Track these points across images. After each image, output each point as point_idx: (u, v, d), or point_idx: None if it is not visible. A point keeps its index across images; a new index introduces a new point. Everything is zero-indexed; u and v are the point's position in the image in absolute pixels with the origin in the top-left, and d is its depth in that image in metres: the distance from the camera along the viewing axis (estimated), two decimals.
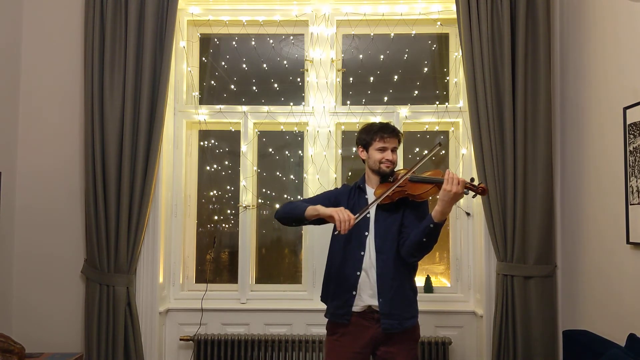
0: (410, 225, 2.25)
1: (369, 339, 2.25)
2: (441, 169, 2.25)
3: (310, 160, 3.28)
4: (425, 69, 3.44)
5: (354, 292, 2.24)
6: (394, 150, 2.33)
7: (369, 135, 2.34)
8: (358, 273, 2.25)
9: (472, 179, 2.13)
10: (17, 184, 3.15)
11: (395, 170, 2.35)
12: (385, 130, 2.31)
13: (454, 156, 3.35)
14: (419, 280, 3.31)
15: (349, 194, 2.39)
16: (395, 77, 3.41)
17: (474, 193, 2.12)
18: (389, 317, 2.21)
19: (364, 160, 2.40)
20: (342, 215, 2.07)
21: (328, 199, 2.38)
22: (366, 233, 2.28)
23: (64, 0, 3.20)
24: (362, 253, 2.26)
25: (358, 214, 2.13)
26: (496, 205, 2.88)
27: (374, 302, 2.23)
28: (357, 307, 2.25)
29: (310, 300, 3.23)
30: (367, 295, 2.24)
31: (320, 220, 2.21)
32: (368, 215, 2.29)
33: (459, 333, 3.13)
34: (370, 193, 2.34)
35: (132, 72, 3.00)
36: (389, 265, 2.23)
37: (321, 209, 2.15)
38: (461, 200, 3.27)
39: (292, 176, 3.46)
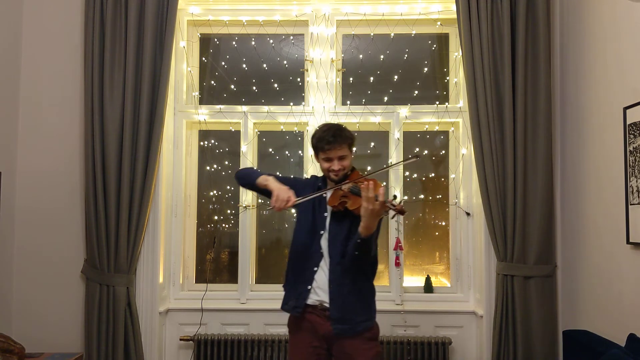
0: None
1: (323, 335, 2.25)
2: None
3: (311, 160, 3.28)
4: (425, 69, 3.44)
5: (309, 286, 2.25)
6: (341, 158, 2.25)
7: (314, 142, 2.29)
8: (315, 269, 2.26)
9: (395, 197, 2.11)
10: (17, 184, 3.15)
11: (351, 172, 2.32)
12: (323, 142, 2.23)
13: (454, 156, 3.35)
14: (419, 281, 3.33)
15: (312, 187, 2.39)
16: (395, 77, 3.41)
17: (394, 213, 2.08)
18: (341, 322, 2.20)
19: None
20: (282, 194, 2.12)
21: (292, 182, 2.35)
22: (322, 232, 2.29)
23: (64, 0, 3.20)
24: (321, 251, 2.27)
25: (299, 199, 2.16)
26: (496, 205, 2.88)
27: (326, 299, 2.23)
28: (311, 300, 2.25)
29: None
30: (321, 291, 2.24)
31: (269, 193, 2.21)
32: (326, 215, 2.31)
33: (459, 333, 3.13)
34: (328, 195, 2.33)
35: (132, 72, 3.00)
36: (338, 271, 2.22)
37: (270, 182, 2.21)
38: (461, 200, 3.27)
39: (292, 176, 3.45)
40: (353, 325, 2.21)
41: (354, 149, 2.39)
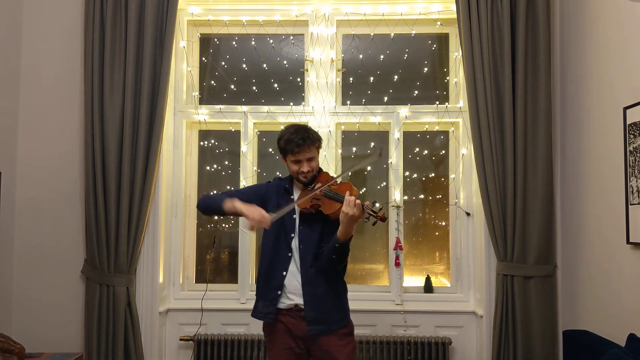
0: (328, 237, 2.21)
1: (299, 336, 2.24)
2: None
3: None
4: (425, 69, 3.44)
5: (279, 292, 2.24)
6: (310, 159, 2.24)
7: (282, 144, 2.26)
8: (284, 273, 2.24)
9: (374, 203, 2.09)
10: (17, 184, 3.15)
11: (319, 173, 2.30)
12: (292, 144, 2.20)
13: (454, 156, 3.35)
14: (419, 281, 3.33)
15: (276, 194, 2.36)
16: (395, 77, 3.41)
17: (374, 220, 2.08)
18: (316, 323, 2.20)
19: None
20: (255, 215, 2.07)
21: (256, 193, 2.34)
22: (292, 235, 2.27)
23: (64, 0, 3.20)
24: (290, 254, 2.25)
25: (275, 215, 2.13)
26: (496, 205, 2.88)
27: (300, 302, 2.22)
28: (283, 304, 2.24)
29: None
30: (293, 294, 2.23)
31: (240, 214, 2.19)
32: (295, 216, 2.29)
33: (459, 333, 3.12)
34: (296, 195, 2.32)
35: (132, 72, 3.00)
36: (311, 273, 2.21)
37: (238, 205, 2.14)
38: (461, 200, 3.27)
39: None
40: (329, 324, 2.22)
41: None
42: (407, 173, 3.34)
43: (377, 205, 2.12)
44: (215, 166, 3.49)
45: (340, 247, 2.11)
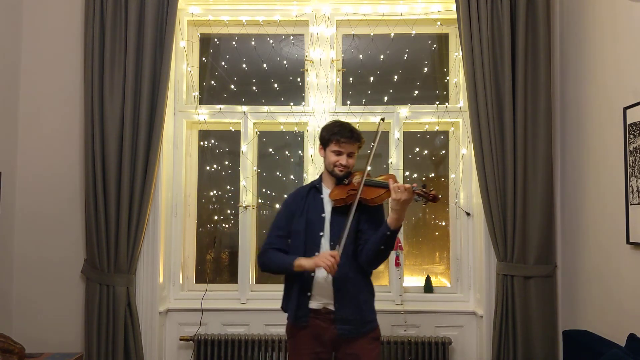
0: (368, 231, 2.23)
1: (327, 340, 2.24)
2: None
3: (310, 160, 3.28)
4: (425, 69, 3.44)
5: (309, 294, 2.23)
6: (350, 155, 2.28)
7: (327, 134, 2.30)
8: (312, 274, 2.23)
9: (424, 186, 2.11)
10: (17, 184, 3.15)
11: (351, 172, 2.32)
12: (342, 134, 2.26)
13: (454, 156, 3.35)
14: (419, 281, 3.33)
15: (303, 198, 2.36)
16: (395, 77, 3.41)
17: (425, 200, 2.10)
18: (346, 323, 2.20)
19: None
20: (325, 261, 2.08)
21: (287, 217, 2.36)
22: (321, 234, 2.27)
23: (64, 0, 3.20)
24: (317, 254, 2.23)
25: (339, 247, 2.13)
26: (496, 205, 2.88)
27: (330, 303, 2.22)
28: (314, 305, 2.24)
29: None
30: (321, 296, 2.23)
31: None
32: (323, 215, 2.29)
33: (459, 333, 3.13)
34: (326, 194, 2.33)
35: (132, 72, 3.00)
36: (344, 270, 2.19)
37: (306, 264, 2.16)
38: (461, 200, 3.27)
39: (292, 176, 3.46)
40: (358, 326, 2.21)
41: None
42: (407, 173, 3.34)
43: (427, 188, 2.14)
44: (215, 166, 3.49)
45: (392, 235, 2.11)
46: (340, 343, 2.23)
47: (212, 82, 3.49)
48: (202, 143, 3.48)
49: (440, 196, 2.13)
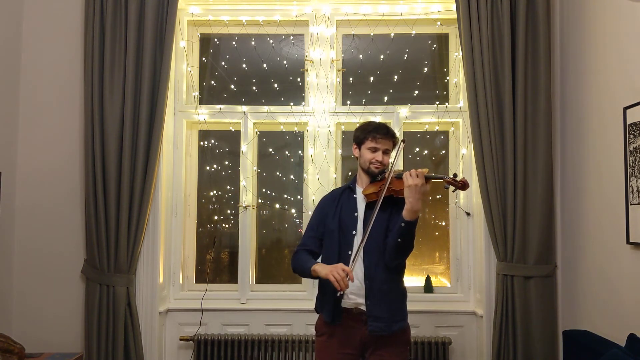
0: (396, 225, 2.22)
1: (357, 341, 2.24)
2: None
3: (310, 160, 3.28)
4: (425, 69, 3.44)
5: (341, 293, 2.21)
6: (386, 152, 2.31)
7: (363, 133, 2.33)
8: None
9: (455, 175, 2.12)
10: (17, 184, 3.15)
11: (385, 170, 2.33)
12: (379, 131, 2.29)
13: (454, 156, 3.35)
14: (419, 281, 3.32)
15: (336, 199, 2.38)
16: (395, 77, 3.41)
17: (454, 187, 2.10)
18: (377, 320, 2.19)
19: (357, 158, 2.39)
20: (337, 274, 2.07)
21: (319, 220, 2.38)
22: (354, 232, 2.27)
23: (64, 0, 3.20)
24: (349, 252, 2.24)
25: (352, 262, 2.14)
26: (496, 205, 2.88)
27: (362, 302, 2.22)
28: (346, 304, 2.24)
29: (310, 301, 3.21)
30: (354, 295, 2.22)
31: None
32: (356, 214, 2.29)
33: (459, 333, 3.13)
34: (359, 192, 2.34)
35: (132, 72, 3.00)
36: (377, 268, 2.21)
37: (320, 271, 2.15)
38: (461, 200, 3.27)
39: (292, 176, 3.46)
40: (389, 323, 2.21)
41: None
42: None
43: (458, 177, 2.13)
44: (215, 166, 3.49)
45: (407, 227, 2.10)
46: (369, 344, 2.23)
47: (212, 82, 3.49)
48: (202, 143, 3.48)
49: (469, 186, 2.10)
